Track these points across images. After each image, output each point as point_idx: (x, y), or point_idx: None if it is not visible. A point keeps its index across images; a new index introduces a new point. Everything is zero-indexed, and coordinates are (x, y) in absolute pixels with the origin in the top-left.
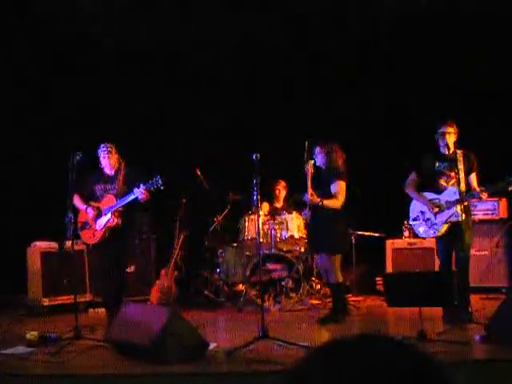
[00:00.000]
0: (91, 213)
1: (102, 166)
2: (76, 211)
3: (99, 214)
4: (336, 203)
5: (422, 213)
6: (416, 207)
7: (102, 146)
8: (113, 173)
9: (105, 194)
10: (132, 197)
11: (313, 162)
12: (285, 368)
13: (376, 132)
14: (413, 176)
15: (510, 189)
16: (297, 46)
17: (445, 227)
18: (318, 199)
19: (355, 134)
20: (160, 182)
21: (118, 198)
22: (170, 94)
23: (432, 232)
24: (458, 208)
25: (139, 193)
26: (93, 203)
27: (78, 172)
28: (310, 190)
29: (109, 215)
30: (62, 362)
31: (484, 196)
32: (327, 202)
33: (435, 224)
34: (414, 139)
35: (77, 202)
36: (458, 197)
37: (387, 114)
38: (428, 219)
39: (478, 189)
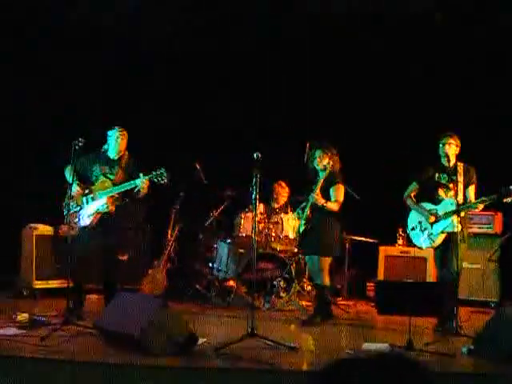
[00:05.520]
0: (76, 189)
1: (106, 148)
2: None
3: (87, 195)
4: (336, 207)
5: (420, 223)
6: (414, 217)
7: (116, 128)
8: (116, 158)
9: (101, 176)
10: (132, 185)
11: (331, 164)
12: (272, 367)
13: (374, 138)
14: (413, 186)
15: (504, 200)
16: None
17: (440, 238)
18: (323, 200)
19: (353, 139)
20: (165, 174)
21: (116, 184)
22: (172, 86)
23: (428, 242)
24: (454, 219)
25: (142, 182)
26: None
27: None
28: (317, 191)
29: (104, 199)
30: (50, 347)
31: (480, 207)
32: (330, 205)
33: (431, 234)
34: (412, 148)
35: (67, 173)
36: (454, 207)
37: (386, 120)
38: (425, 229)
39: (473, 200)
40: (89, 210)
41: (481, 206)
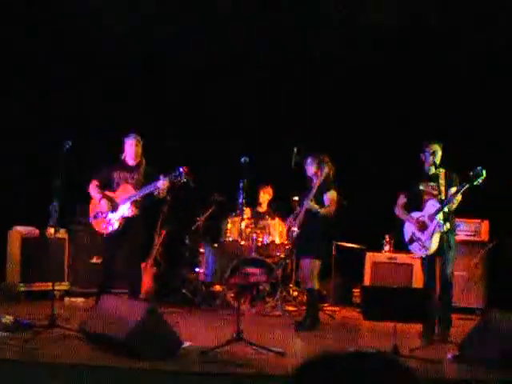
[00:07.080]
0: (105, 206)
1: (125, 156)
2: (88, 198)
3: (114, 207)
4: (329, 212)
5: (413, 233)
6: (408, 229)
7: (131, 135)
8: (134, 164)
9: (122, 182)
10: (153, 188)
11: (326, 171)
12: (257, 372)
13: (361, 144)
14: (401, 199)
15: (475, 183)
16: (295, 52)
17: (435, 243)
18: (317, 206)
19: (340, 144)
20: (183, 174)
21: (137, 188)
22: (161, 92)
23: (425, 250)
24: (440, 217)
25: (162, 184)
26: (108, 193)
27: (68, 160)
28: (312, 197)
29: (128, 205)
30: (35, 349)
31: (459, 198)
32: (324, 210)
33: (426, 241)
34: (399, 154)
35: (92, 189)
36: (437, 207)
37: (372, 127)
38: (419, 238)
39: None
40: (115, 216)
41: (459, 197)
